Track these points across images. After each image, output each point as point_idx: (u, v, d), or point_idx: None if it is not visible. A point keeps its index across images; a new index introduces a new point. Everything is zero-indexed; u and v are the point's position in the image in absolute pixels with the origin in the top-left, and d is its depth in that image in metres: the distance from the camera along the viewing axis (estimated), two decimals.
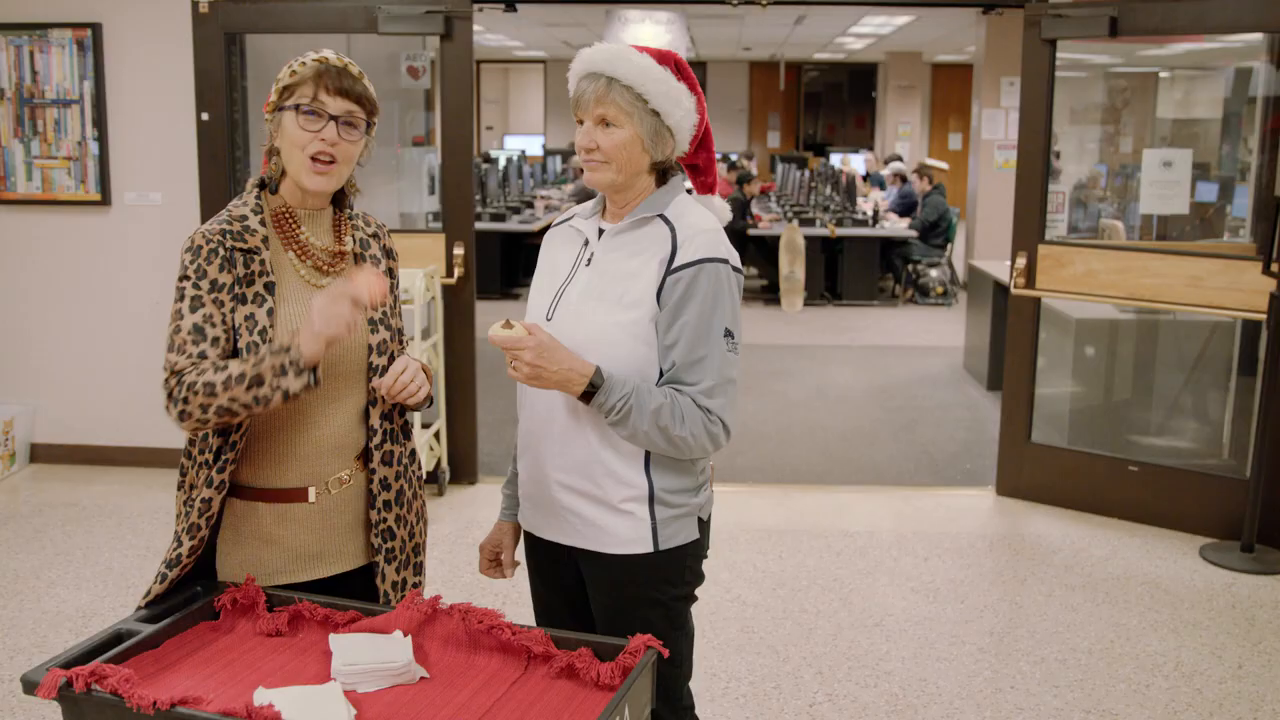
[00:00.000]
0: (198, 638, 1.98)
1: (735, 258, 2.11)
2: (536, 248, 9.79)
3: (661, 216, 2.10)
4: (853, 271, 10.95)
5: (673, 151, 2.13)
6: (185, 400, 1.96)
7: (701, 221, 2.11)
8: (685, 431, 2.02)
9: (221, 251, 2.02)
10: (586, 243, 2.18)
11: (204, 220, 5.10)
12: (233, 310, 2.03)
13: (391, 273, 2.27)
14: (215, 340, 2.00)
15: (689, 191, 2.22)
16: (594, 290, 2.10)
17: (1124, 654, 3.76)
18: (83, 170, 5.32)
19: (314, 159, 2.04)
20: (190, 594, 2.07)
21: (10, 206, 5.39)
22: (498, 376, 7.73)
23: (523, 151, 16.21)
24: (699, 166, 2.23)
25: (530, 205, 12.55)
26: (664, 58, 2.09)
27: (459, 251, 5.15)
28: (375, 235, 2.24)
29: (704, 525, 2.19)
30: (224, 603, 2.04)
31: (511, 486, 2.36)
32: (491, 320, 2.05)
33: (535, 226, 11.33)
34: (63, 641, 3.75)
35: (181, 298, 2.02)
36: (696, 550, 2.18)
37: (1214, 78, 6.96)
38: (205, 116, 5.09)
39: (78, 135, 5.29)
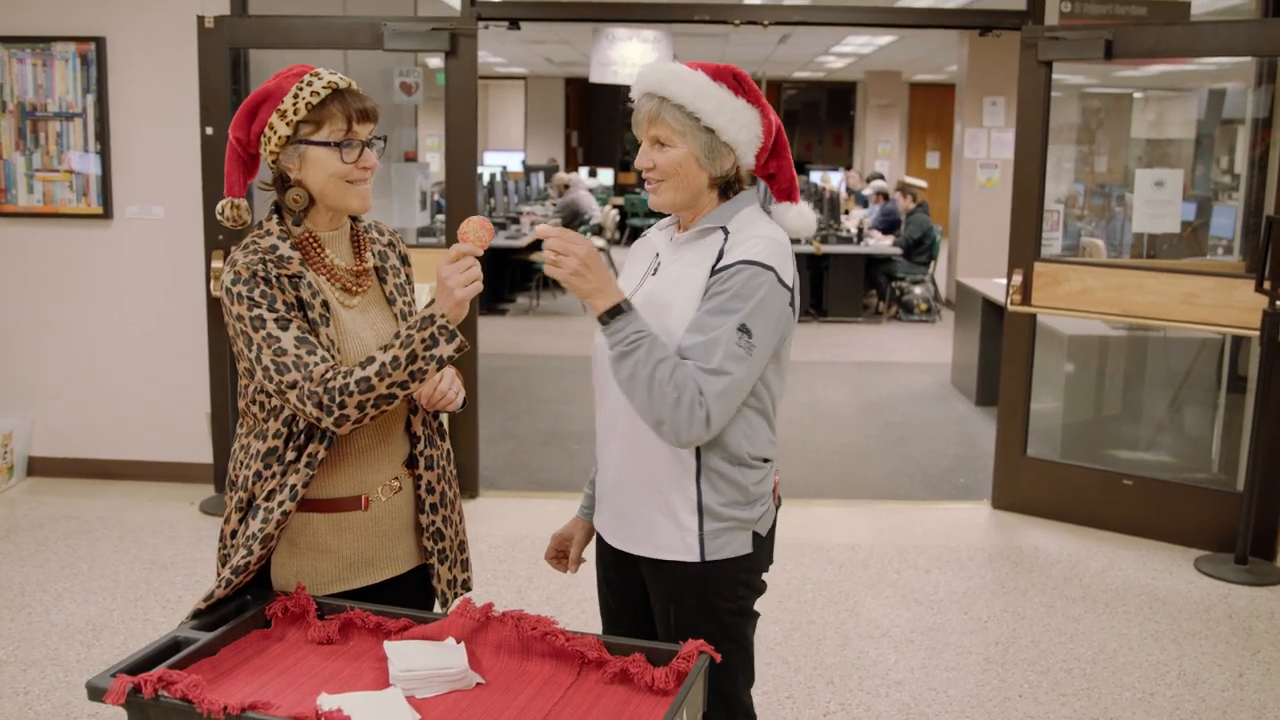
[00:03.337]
0: (251, 645, 2.00)
1: (785, 271, 2.09)
2: (523, 264, 9.89)
3: (724, 228, 2.12)
4: (838, 288, 11.04)
5: (734, 166, 2.13)
6: (341, 405, 1.95)
7: (760, 230, 2.11)
8: (673, 392, 1.98)
9: (271, 278, 2.03)
10: (656, 254, 2.22)
11: (207, 233, 5.15)
12: (314, 330, 2.05)
13: (409, 279, 2.31)
14: (370, 361, 1.98)
15: (769, 204, 2.23)
16: (654, 298, 2.13)
17: (1127, 663, 3.83)
18: (84, 183, 5.32)
19: (353, 183, 2.07)
20: (241, 602, 2.09)
21: (11, 219, 5.39)
22: (497, 389, 7.79)
23: (504, 168, 16.24)
24: (774, 175, 2.23)
25: (516, 221, 12.59)
26: (719, 73, 2.11)
27: None
28: (391, 244, 2.28)
29: (761, 540, 2.19)
30: (275, 611, 2.07)
31: (592, 486, 2.41)
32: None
33: (523, 242, 11.36)
34: (75, 654, 3.75)
35: (262, 325, 1.99)
36: (750, 565, 2.18)
37: (1187, 99, 7.11)
38: (209, 131, 5.11)
39: (80, 148, 5.29)
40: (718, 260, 2.08)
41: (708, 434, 2.02)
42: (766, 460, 2.19)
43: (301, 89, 2.04)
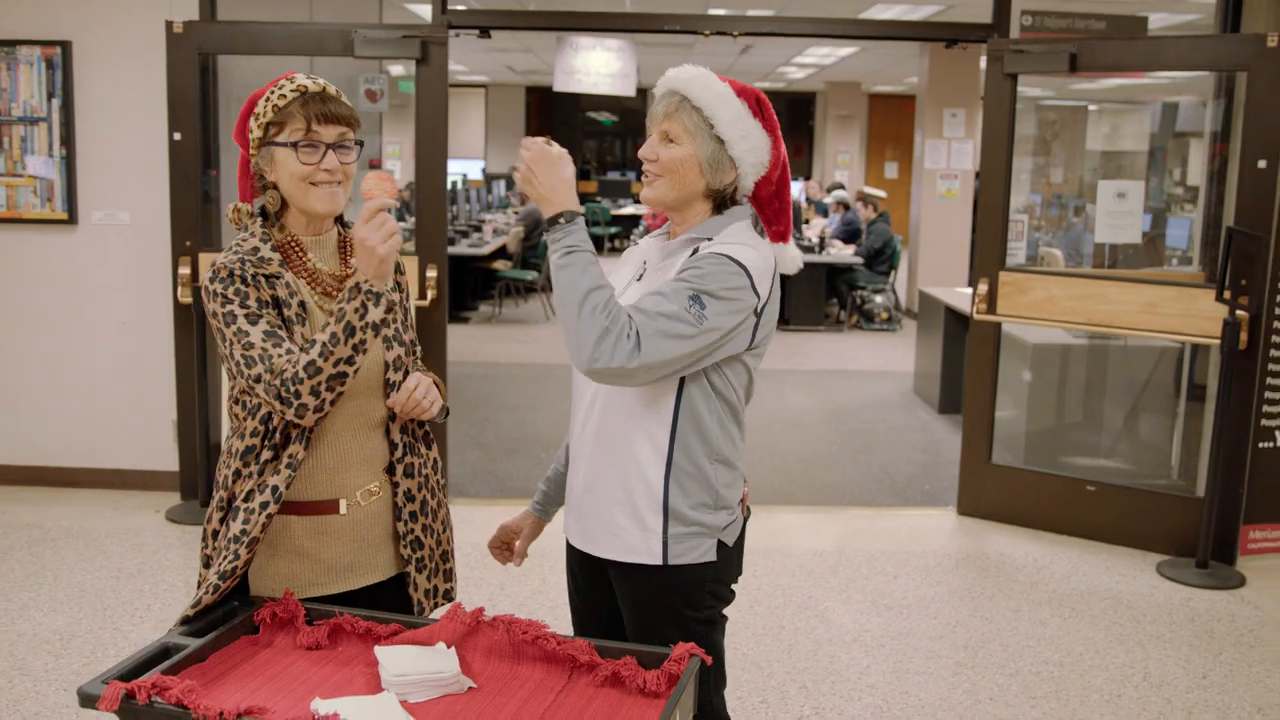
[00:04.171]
0: (240, 651, 2.00)
1: (760, 280, 2.07)
2: (485, 272, 9.89)
3: (710, 239, 2.13)
4: (799, 297, 11.11)
5: (733, 183, 2.15)
6: (297, 394, 1.97)
7: (746, 240, 2.11)
8: (605, 320, 1.93)
9: (248, 277, 2.05)
10: (645, 262, 2.24)
11: (174, 239, 5.12)
12: (286, 326, 2.07)
13: (399, 286, 2.31)
14: (312, 344, 2.00)
15: (761, 233, 2.23)
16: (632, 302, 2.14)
17: (1094, 666, 3.89)
18: (49, 189, 5.26)
19: (316, 184, 2.08)
20: (228, 609, 2.09)
21: None
22: (462, 397, 7.76)
23: (464, 176, 16.20)
24: (769, 216, 2.23)
25: (479, 229, 12.57)
26: (744, 91, 2.14)
27: (432, 274, 5.18)
28: None
29: (728, 550, 2.20)
30: (263, 617, 2.07)
31: (547, 484, 2.44)
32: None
33: (484, 250, 11.35)
34: (43, 664, 3.71)
35: (233, 320, 2.02)
36: (717, 575, 2.19)
37: (1140, 112, 7.25)
38: (178, 136, 5.08)
39: (44, 153, 5.23)
40: (690, 256, 2.11)
41: (632, 364, 1.93)
42: (736, 467, 2.21)
43: (273, 92, 2.08)
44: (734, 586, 2.27)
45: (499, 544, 2.48)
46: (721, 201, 2.18)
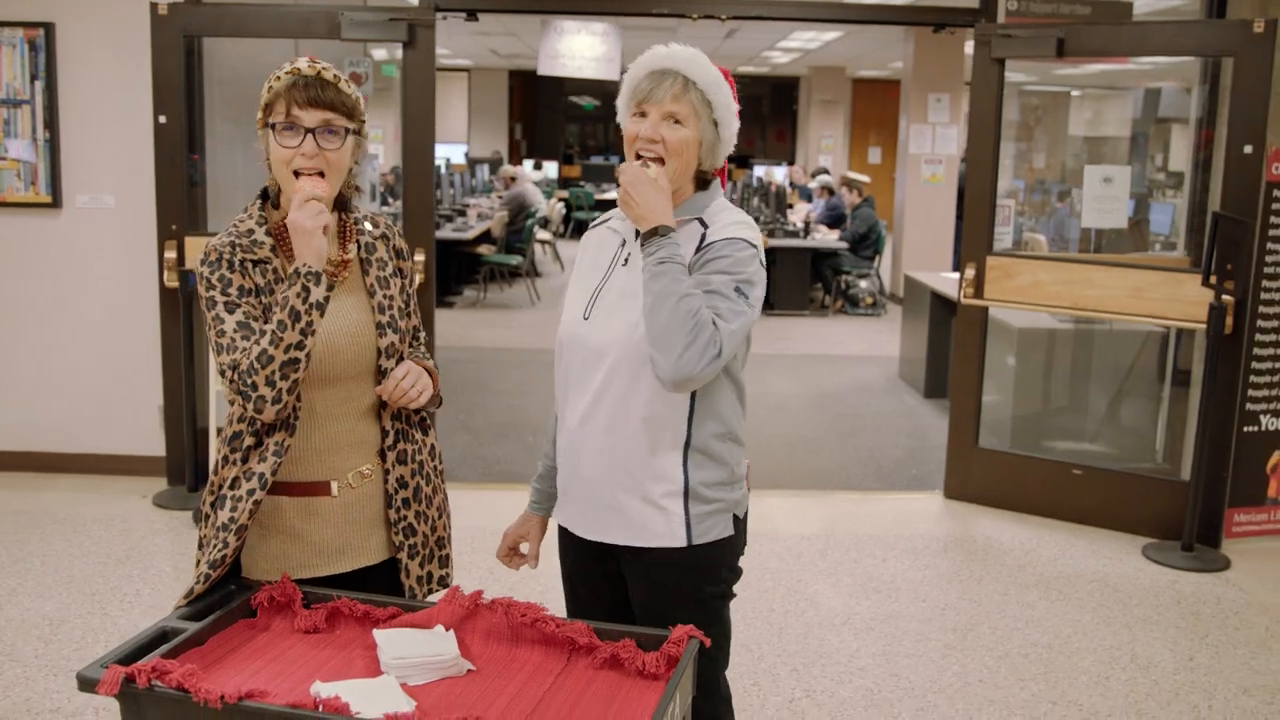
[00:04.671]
0: (238, 635, 2.00)
1: (760, 251, 2.15)
2: (469, 257, 9.84)
3: (699, 219, 2.17)
4: (784, 282, 11.12)
5: (715, 163, 2.20)
6: (253, 386, 1.98)
7: (736, 217, 2.17)
8: (693, 325, 1.98)
9: (235, 262, 2.06)
10: (624, 243, 2.22)
11: (160, 222, 5.09)
12: (264, 315, 2.07)
13: (402, 272, 2.30)
14: (263, 334, 2.01)
15: None
16: (631, 290, 2.13)
17: (1082, 648, 3.92)
18: (32, 172, 5.22)
19: (298, 173, 2.07)
20: (225, 592, 2.08)
21: None
22: (449, 382, 7.74)
23: (448, 160, 16.14)
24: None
25: (463, 214, 12.53)
26: (725, 75, 2.18)
27: (420, 258, 5.16)
28: (384, 236, 2.27)
29: (740, 523, 2.24)
30: (260, 600, 2.06)
31: (542, 481, 2.42)
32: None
33: (469, 235, 11.33)
34: (33, 650, 3.69)
35: (213, 305, 2.05)
36: (733, 547, 2.22)
37: (1123, 98, 7.26)
38: (163, 119, 5.04)
39: (28, 136, 5.19)
40: (700, 241, 2.13)
41: (712, 369, 2.02)
42: (744, 442, 2.25)
43: (273, 75, 2.09)
44: (741, 562, 2.29)
45: (506, 552, 2.45)
46: (702, 181, 2.22)
